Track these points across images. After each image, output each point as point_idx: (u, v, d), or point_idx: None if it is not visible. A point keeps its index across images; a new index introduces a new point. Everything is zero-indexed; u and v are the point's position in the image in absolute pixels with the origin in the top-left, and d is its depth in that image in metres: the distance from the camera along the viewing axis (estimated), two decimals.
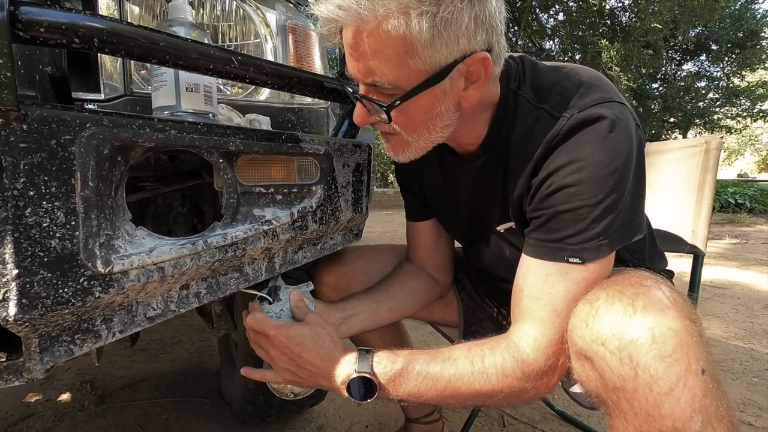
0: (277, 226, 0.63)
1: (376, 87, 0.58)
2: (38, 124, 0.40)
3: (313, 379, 0.67)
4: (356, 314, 0.83)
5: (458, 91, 0.59)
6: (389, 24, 0.51)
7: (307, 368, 0.66)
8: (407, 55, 0.53)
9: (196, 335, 2.01)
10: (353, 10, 0.50)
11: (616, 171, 0.57)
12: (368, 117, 0.63)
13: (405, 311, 0.90)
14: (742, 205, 8.43)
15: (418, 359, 0.65)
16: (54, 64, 0.52)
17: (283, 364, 0.68)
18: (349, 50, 0.56)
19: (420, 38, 0.51)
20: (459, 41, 0.53)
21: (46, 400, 1.44)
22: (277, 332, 0.67)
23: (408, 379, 0.64)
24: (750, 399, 1.45)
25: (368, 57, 0.54)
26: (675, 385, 0.45)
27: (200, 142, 0.52)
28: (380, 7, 0.50)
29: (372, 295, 0.87)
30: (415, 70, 0.55)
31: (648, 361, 0.47)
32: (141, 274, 0.49)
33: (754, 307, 2.50)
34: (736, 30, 12.13)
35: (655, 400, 0.46)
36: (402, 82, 0.56)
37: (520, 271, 0.67)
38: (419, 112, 0.60)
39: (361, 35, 0.53)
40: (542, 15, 11.36)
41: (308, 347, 0.66)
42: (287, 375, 0.69)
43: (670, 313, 0.49)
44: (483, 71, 0.57)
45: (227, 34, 0.84)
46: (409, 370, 0.64)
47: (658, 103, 13.21)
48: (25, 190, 0.40)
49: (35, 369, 0.44)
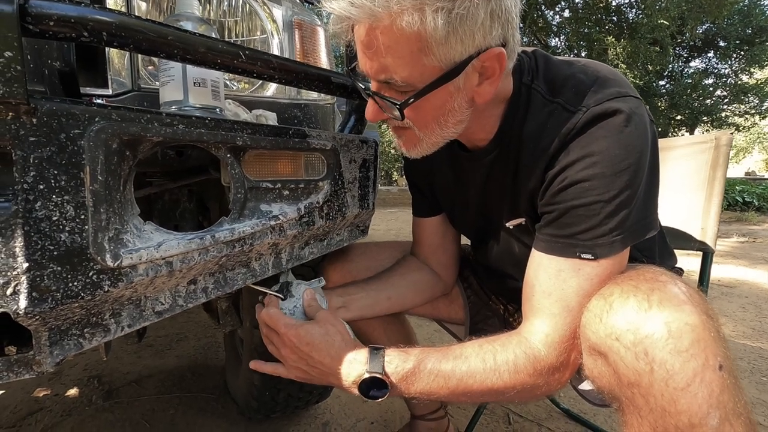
0: (284, 222, 0.63)
1: (389, 84, 0.57)
2: (48, 118, 0.40)
3: (324, 378, 0.67)
4: (354, 300, 0.83)
5: (472, 87, 0.58)
6: (403, 21, 0.50)
7: (318, 367, 0.66)
8: (421, 52, 0.53)
9: (202, 332, 2.02)
10: (366, 6, 0.50)
11: (631, 166, 0.57)
12: (380, 113, 0.62)
13: (404, 303, 0.90)
14: (749, 203, 8.35)
15: (430, 357, 0.64)
16: (62, 59, 0.52)
17: (293, 362, 0.68)
18: (362, 48, 0.56)
19: (435, 35, 0.51)
20: (474, 37, 0.52)
21: (54, 395, 1.46)
22: (287, 331, 0.67)
23: (420, 378, 0.63)
24: (759, 398, 1.44)
25: (381, 54, 0.54)
26: (692, 380, 0.44)
27: (208, 137, 0.52)
28: (394, 3, 0.49)
29: (372, 284, 0.87)
30: (429, 66, 0.54)
31: (664, 356, 0.46)
32: (149, 269, 0.49)
33: (762, 306, 2.48)
34: (745, 26, 11.97)
35: (672, 396, 0.45)
36: (415, 79, 0.55)
37: (531, 267, 0.66)
38: (432, 109, 0.59)
39: (374, 32, 0.52)
40: (548, 12, 11.28)
41: (318, 347, 0.66)
42: (298, 373, 0.69)
43: (687, 308, 0.48)
44: (498, 67, 0.56)
45: (233, 29, 0.84)
46: (420, 369, 0.64)
47: (664, 101, 13.09)
48: (35, 183, 0.40)
49: (45, 362, 0.44)
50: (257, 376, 1.12)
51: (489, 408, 1.34)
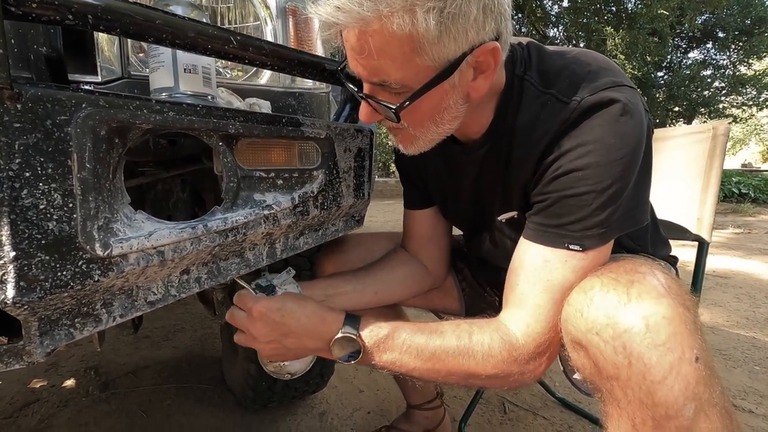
0: (278, 211, 0.62)
1: (383, 86, 0.56)
2: (33, 103, 0.39)
3: (300, 342, 0.67)
4: (340, 294, 0.82)
5: (467, 83, 0.57)
6: (394, 23, 0.48)
7: (292, 332, 0.66)
8: (414, 53, 0.51)
9: (199, 323, 2.02)
10: (355, 11, 0.48)
11: (626, 156, 0.56)
12: (375, 115, 0.61)
13: (392, 297, 0.90)
14: (745, 194, 8.39)
15: (405, 328, 0.65)
16: (49, 45, 0.51)
17: (265, 337, 0.67)
18: (353, 52, 0.54)
19: (427, 35, 0.49)
20: (468, 34, 0.51)
21: (51, 386, 1.46)
22: (255, 303, 0.67)
23: (392, 346, 0.64)
24: (751, 387, 1.46)
25: (373, 57, 0.52)
26: (668, 373, 0.46)
27: (199, 125, 0.51)
28: (384, 6, 0.47)
29: (359, 277, 0.86)
30: (423, 67, 0.53)
31: (642, 350, 0.47)
32: (140, 258, 0.48)
33: (756, 296, 2.50)
34: (744, 17, 11.90)
35: (649, 389, 0.46)
36: (410, 81, 0.54)
37: (518, 254, 0.66)
38: (428, 108, 0.59)
39: (364, 36, 0.51)
40: (546, 2, 11.19)
41: (290, 309, 0.66)
42: (273, 348, 0.68)
43: (664, 301, 0.49)
44: (492, 61, 0.55)
45: (226, 16, 0.82)
46: (394, 337, 0.64)
47: (662, 92, 13.06)
48: (20, 171, 0.39)
49: (35, 352, 0.44)
50: (254, 367, 1.13)
51: (484, 397, 1.35)
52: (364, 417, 1.29)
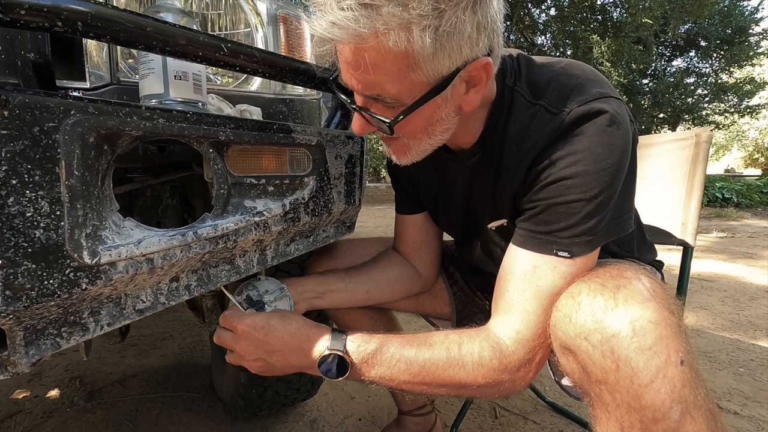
0: (269, 218, 0.62)
1: (377, 99, 0.57)
2: (20, 110, 0.39)
3: (285, 360, 0.66)
4: (331, 291, 0.83)
5: (459, 96, 0.58)
6: (390, 40, 0.49)
7: (277, 351, 0.65)
8: (409, 69, 0.52)
9: (187, 330, 2.00)
10: (351, 28, 0.48)
11: (613, 166, 0.58)
12: (368, 127, 0.62)
13: (382, 297, 0.90)
14: (729, 199, 8.55)
15: (393, 342, 0.65)
16: (37, 50, 0.50)
17: (251, 355, 0.66)
18: (348, 67, 0.54)
19: (422, 52, 0.50)
20: (462, 50, 0.52)
21: (34, 396, 1.42)
22: (240, 322, 0.66)
23: (381, 361, 0.64)
24: (736, 388, 1.48)
25: (369, 72, 0.52)
26: (655, 377, 0.46)
27: (189, 132, 0.51)
28: (380, 24, 0.48)
29: (351, 275, 0.87)
30: (417, 82, 0.54)
31: (629, 354, 0.48)
32: (129, 266, 0.48)
33: (740, 299, 2.55)
34: (725, 26, 12.23)
35: (636, 392, 0.47)
36: (404, 95, 0.55)
37: (507, 260, 0.66)
38: (421, 121, 0.59)
39: (360, 52, 0.51)
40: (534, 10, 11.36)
41: (274, 328, 0.65)
42: (261, 366, 0.68)
43: (650, 305, 0.50)
44: (484, 75, 0.56)
45: (217, 23, 0.82)
46: (383, 351, 0.64)
47: (648, 99, 13.31)
48: (7, 178, 0.38)
49: (20, 363, 0.43)
50: (244, 374, 1.11)
51: (476, 403, 1.35)
52: (356, 424, 1.28)
